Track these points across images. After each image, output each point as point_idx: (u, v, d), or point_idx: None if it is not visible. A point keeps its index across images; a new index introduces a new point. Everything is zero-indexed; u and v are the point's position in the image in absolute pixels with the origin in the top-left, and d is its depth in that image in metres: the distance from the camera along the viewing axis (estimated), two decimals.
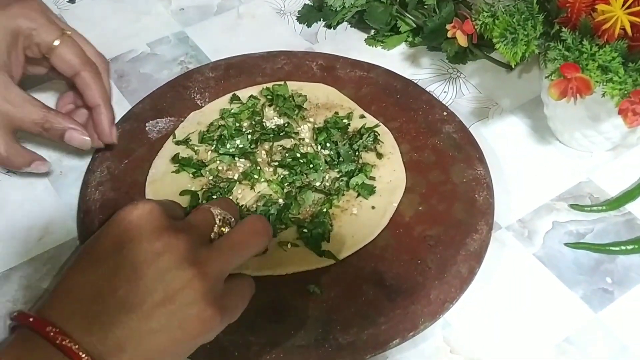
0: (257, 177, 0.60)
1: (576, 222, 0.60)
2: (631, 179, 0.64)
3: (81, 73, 0.57)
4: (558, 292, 0.56)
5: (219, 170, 0.60)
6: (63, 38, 0.56)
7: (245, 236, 0.45)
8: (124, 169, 0.61)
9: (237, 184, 0.59)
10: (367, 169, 0.61)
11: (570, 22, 0.56)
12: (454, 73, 0.73)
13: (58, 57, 0.57)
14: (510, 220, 0.60)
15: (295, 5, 0.80)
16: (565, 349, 0.52)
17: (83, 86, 0.58)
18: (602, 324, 0.54)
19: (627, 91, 0.52)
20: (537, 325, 0.54)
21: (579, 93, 0.53)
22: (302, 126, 0.64)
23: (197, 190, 0.59)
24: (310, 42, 0.76)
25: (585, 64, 0.53)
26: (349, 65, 0.71)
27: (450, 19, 0.64)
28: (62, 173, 0.63)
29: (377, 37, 0.76)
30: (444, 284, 0.54)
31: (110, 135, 0.60)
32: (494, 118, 0.69)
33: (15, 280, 0.55)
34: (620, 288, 0.56)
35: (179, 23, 0.78)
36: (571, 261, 0.58)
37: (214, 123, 0.64)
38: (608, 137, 0.63)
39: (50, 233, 0.58)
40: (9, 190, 0.62)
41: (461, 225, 0.57)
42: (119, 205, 0.57)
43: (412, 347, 0.52)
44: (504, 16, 0.57)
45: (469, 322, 0.54)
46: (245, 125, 0.64)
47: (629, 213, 0.61)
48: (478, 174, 0.61)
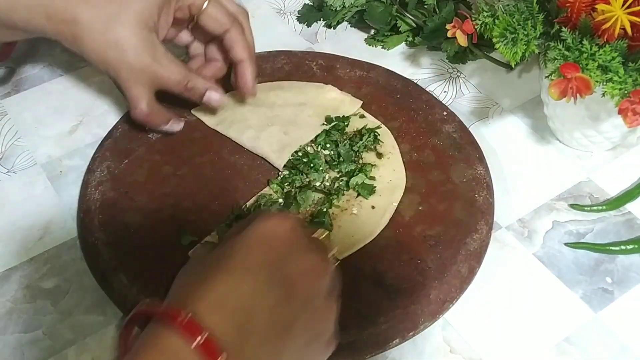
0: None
1: (576, 221, 0.60)
2: (631, 178, 0.64)
3: (230, 30, 0.60)
4: (558, 291, 0.56)
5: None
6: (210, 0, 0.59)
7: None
8: (124, 169, 0.61)
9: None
10: (367, 169, 0.61)
11: (570, 21, 0.56)
12: (454, 73, 0.73)
13: (209, 17, 0.60)
14: (510, 220, 0.60)
15: (295, 5, 0.80)
16: (565, 349, 0.52)
17: (231, 42, 0.61)
18: (602, 323, 0.54)
19: (627, 91, 0.52)
20: (537, 325, 0.54)
21: (579, 93, 0.53)
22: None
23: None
24: (310, 41, 0.76)
25: (585, 64, 0.53)
26: (349, 65, 0.71)
27: (450, 18, 0.64)
28: (62, 173, 0.63)
29: (377, 36, 0.76)
30: (443, 284, 0.54)
31: (253, 88, 0.63)
32: (494, 118, 0.69)
33: (15, 279, 0.55)
34: (620, 288, 0.56)
35: None
36: (571, 261, 0.58)
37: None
38: (608, 137, 0.63)
39: (50, 233, 0.58)
40: (9, 190, 0.62)
41: (461, 225, 0.57)
42: (119, 205, 0.58)
43: (412, 347, 0.52)
44: (504, 16, 0.57)
45: (469, 322, 0.54)
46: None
47: (629, 213, 0.61)
48: (478, 174, 0.61)
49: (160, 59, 0.57)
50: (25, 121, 0.67)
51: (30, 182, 0.62)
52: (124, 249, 0.55)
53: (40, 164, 0.64)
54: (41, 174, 0.63)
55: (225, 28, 0.60)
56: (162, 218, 0.57)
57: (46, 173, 0.63)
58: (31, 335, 0.52)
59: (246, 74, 0.62)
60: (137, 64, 0.56)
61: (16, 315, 0.53)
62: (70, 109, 0.68)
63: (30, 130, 0.66)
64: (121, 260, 0.54)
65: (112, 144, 0.63)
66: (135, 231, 0.57)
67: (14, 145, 0.65)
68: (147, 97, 0.58)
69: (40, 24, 0.56)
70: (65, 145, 0.65)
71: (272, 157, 0.62)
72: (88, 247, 0.56)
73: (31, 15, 0.56)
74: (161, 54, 0.57)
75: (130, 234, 0.56)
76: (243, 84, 0.63)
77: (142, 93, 0.58)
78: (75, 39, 0.56)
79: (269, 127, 0.64)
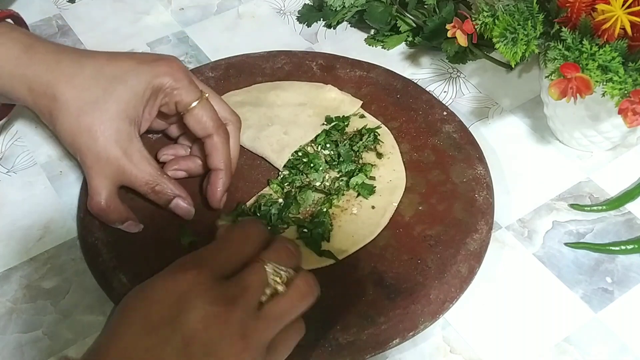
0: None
1: (576, 221, 0.60)
2: (631, 178, 0.64)
3: (213, 136, 0.56)
4: (558, 291, 0.56)
5: None
6: (201, 100, 0.56)
7: (293, 302, 0.45)
8: None
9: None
10: (367, 169, 0.61)
11: (570, 21, 0.56)
12: (454, 73, 0.73)
13: (194, 118, 0.56)
14: (510, 220, 0.60)
15: (295, 5, 0.80)
16: (565, 349, 0.52)
17: (211, 149, 0.57)
18: (602, 323, 0.54)
19: (627, 91, 0.52)
20: (537, 324, 0.54)
21: (579, 93, 0.53)
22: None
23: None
24: (310, 41, 0.76)
25: (585, 64, 0.53)
26: (349, 65, 0.71)
27: (450, 18, 0.64)
28: (62, 173, 0.63)
29: (377, 36, 0.76)
30: (443, 284, 0.54)
31: (220, 201, 0.58)
32: (494, 118, 0.69)
33: (15, 280, 0.55)
34: (620, 288, 0.56)
35: (179, 23, 0.78)
36: (571, 261, 0.58)
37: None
38: (608, 137, 0.63)
39: (50, 233, 0.58)
40: (9, 190, 0.62)
41: (461, 225, 0.57)
42: None
43: (412, 347, 0.52)
44: (503, 16, 0.57)
45: (469, 322, 0.54)
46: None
47: (629, 213, 0.61)
48: (478, 174, 0.61)
49: (132, 155, 0.54)
50: (25, 121, 0.67)
51: (30, 182, 0.62)
52: (124, 249, 0.55)
53: (40, 164, 0.64)
54: (41, 174, 0.63)
55: (208, 133, 0.56)
56: (162, 218, 0.57)
57: (46, 173, 0.63)
58: (31, 335, 0.52)
59: (216, 184, 0.57)
60: (105, 155, 0.53)
61: (16, 315, 0.53)
62: None
63: (30, 130, 0.66)
64: (121, 260, 0.54)
65: None
66: None
67: (14, 145, 0.65)
68: (107, 191, 0.55)
69: (22, 95, 0.55)
70: None
71: (272, 157, 0.62)
72: (88, 247, 0.56)
73: (14, 84, 0.55)
74: (134, 150, 0.54)
75: (130, 233, 0.56)
76: (211, 193, 0.58)
77: (103, 185, 0.54)
78: (52, 116, 0.54)
79: (269, 127, 0.64)
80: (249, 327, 0.42)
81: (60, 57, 0.55)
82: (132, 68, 0.54)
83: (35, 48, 0.55)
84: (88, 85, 0.54)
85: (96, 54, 0.56)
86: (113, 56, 0.56)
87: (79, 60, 0.55)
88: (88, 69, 0.54)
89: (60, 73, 0.54)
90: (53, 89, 0.54)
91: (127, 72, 0.54)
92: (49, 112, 0.55)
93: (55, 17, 0.78)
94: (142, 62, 0.55)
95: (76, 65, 0.55)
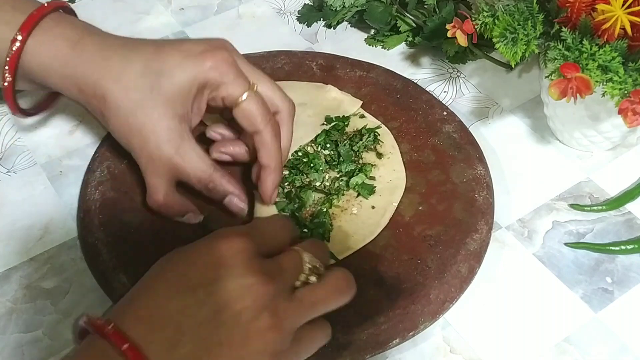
0: None
1: (576, 221, 0.60)
2: (631, 178, 0.64)
3: (262, 133, 0.54)
4: (558, 291, 0.56)
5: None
6: (250, 93, 0.54)
7: (328, 294, 0.44)
8: (124, 169, 0.61)
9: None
10: (367, 169, 0.60)
11: (570, 21, 0.56)
12: (454, 73, 0.73)
13: (242, 113, 0.54)
14: (510, 220, 0.60)
15: (295, 4, 0.80)
16: (565, 349, 0.52)
17: (260, 145, 0.55)
18: (602, 323, 0.54)
19: (627, 91, 0.52)
20: (537, 325, 0.54)
21: (579, 93, 0.53)
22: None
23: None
24: (310, 41, 0.76)
25: (585, 64, 0.53)
26: (349, 65, 0.70)
27: (450, 18, 0.64)
28: (62, 173, 0.63)
29: (377, 36, 0.76)
30: (443, 284, 0.54)
31: (271, 198, 0.56)
32: (494, 118, 0.69)
33: (15, 279, 0.55)
34: (620, 288, 0.56)
35: (179, 23, 0.78)
36: (571, 261, 0.58)
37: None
38: (608, 137, 0.63)
39: (50, 233, 0.58)
40: (9, 190, 0.62)
41: (461, 225, 0.57)
42: (119, 205, 0.58)
43: (412, 347, 0.52)
44: (503, 16, 0.57)
45: (469, 322, 0.54)
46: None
47: (629, 213, 0.61)
48: (478, 174, 0.61)
49: (185, 153, 0.53)
50: (25, 121, 0.67)
51: (30, 182, 0.62)
52: (124, 249, 0.55)
53: (40, 164, 0.64)
54: (41, 174, 0.63)
55: (256, 129, 0.54)
56: (162, 218, 0.57)
57: (46, 173, 0.63)
58: (31, 335, 0.52)
59: (267, 182, 0.55)
60: (157, 155, 0.53)
61: (16, 315, 0.53)
62: (70, 109, 0.68)
63: (30, 130, 0.66)
64: (121, 260, 0.54)
65: (112, 144, 0.62)
66: (135, 231, 0.56)
67: (14, 145, 0.65)
68: (164, 188, 0.54)
69: (73, 93, 0.55)
70: (65, 145, 0.65)
71: None
72: (88, 247, 0.56)
73: (64, 84, 0.55)
74: (187, 148, 0.53)
75: (131, 233, 0.56)
76: (262, 191, 0.56)
77: (160, 184, 0.54)
78: (103, 116, 0.54)
79: None
80: (281, 307, 0.41)
81: (107, 53, 0.54)
82: (177, 63, 0.53)
83: (82, 44, 0.54)
84: (135, 84, 0.53)
85: (143, 46, 0.55)
86: (160, 48, 0.54)
87: (126, 56, 0.54)
88: (136, 65, 0.53)
89: (108, 72, 0.53)
90: (102, 90, 0.53)
91: (172, 67, 0.53)
92: (100, 112, 0.55)
93: None
94: (188, 55, 0.53)
95: (124, 61, 0.54)
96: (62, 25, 0.55)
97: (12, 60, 0.54)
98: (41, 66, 0.54)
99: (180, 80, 0.53)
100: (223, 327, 0.40)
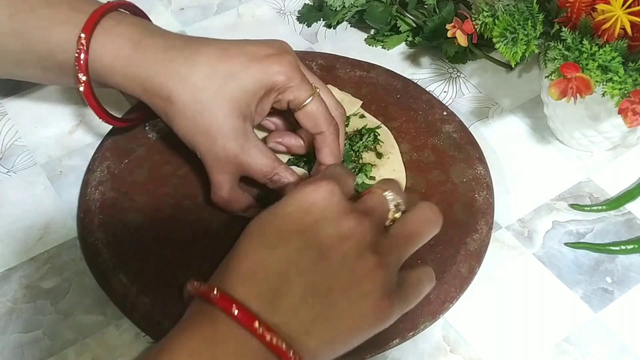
0: None
1: (576, 221, 0.60)
2: (631, 178, 0.63)
3: (325, 133, 0.56)
4: (558, 291, 0.56)
5: None
6: (314, 97, 0.55)
7: (420, 225, 0.45)
8: (124, 169, 0.61)
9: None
10: (367, 169, 0.60)
11: (570, 21, 0.56)
12: (454, 73, 0.73)
13: (306, 115, 0.55)
14: (510, 220, 0.60)
15: (295, 4, 0.80)
16: (565, 349, 0.52)
17: (322, 145, 0.56)
18: (602, 323, 0.54)
19: (627, 91, 0.52)
20: (537, 325, 0.54)
21: (579, 93, 0.52)
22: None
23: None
24: (310, 41, 0.76)
25: (585, 64, 0.53)
26: (349, 65, 0.70)
27: (450, 18, 0.64)
28: (62, 173, 0.63)
29: (377, 36, 0.76)
30: (443, 284, 0.54)
31: None
32: (493, 118, 0.69)
33: (15, 280, 0.55)
34: (620, 288, 0.56)
35: (179, 23, 0.78)
36: (571, 261, 0.58)
37: None
38: (608, 137, 0.63)
39: (50, 233, 0.58)
40: (9, 190, 0.62)
41: (461, 225, 0.57)
42: (119, 205, 0.58)
43: (412, 347, 0.52)
44: (503, 16, 0.56)
45: (469, 322, 0.54)
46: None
47: (629, 213, 0.61)
48: (478, 174, 0.61)
49: (249, 150, 0.54)
50: (25, 121, 0.67)
51: (30, 182, 0.62)
52: (124, 249, 0.55)
53: (40, 164, 0.63)
54: (41, 174, 0.63)
55: (320, 130, 0.56)
56: (162, 218, 0.57)
57: (46, 173, 0.63)
58: (31, 335, 0.52)
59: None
60: (224, 154, 0.54)
61: (16, 315, 0.53)
62: (70, 109, 0.68)
63: (30, 130, 0.66)
64: (121, 260, 0.54)
65: (112, 144, 0.63)
66: (135, 231, 0.56)
67: (14, 145, 0.65)
68: (229, 185, 0.55)
69: (136, 92, 0.55)
70: (65, 145, 0.65)
71: None
72: (88, 247, 0.56)
73: (127, 83, 0.55)
74: (251, 145, 0.54)
75: (130, 233, 0.56)
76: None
77: (225, 180, 0.55)
78: (167, 116, 0.55)
79: None
80: (381, 243, 0.42)
81: (171, 54, 0.54)
82: (244, 66, 0.53)
83: (145, 45, 0.54)
84: (202, 86, 0.53)
85: (207, 48, 0.55)
86: (225, 50, 0.54)
87: (191, 59, 0.54)
88: (202, 67, 0.54)
89: (174, 74, 0.54)
90: (168, 91, 0.54)
91: (239, 70, 0.53)
92: (164, 112, 0.55)
93: None
94: (254, 59, 0.54)
95: (189, 64, 0.54)
96: (122, 25, 0.55)
97: (82, 59, 0.54)
98: (104, 66, 0.55)
99: (248, 84, 0.53)
100: (329, 271, 0.40)
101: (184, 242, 0.56)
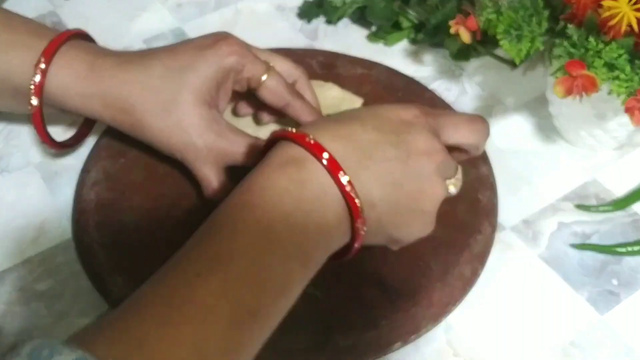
0: None
1: (582, 222, 0.59)
2: (638, 178, 0.63)
3: (291, 102, 0.58)
4: (563, 294, 0.55)
5: None
6: (269, 71, 0.57)
7: (467, 133, 0.50)
8: (119, 169, 0.60)
9: None
10: None
11: (576, 18, 0.55)
12: (457, 70, 0.72)
13: (267, 90, 0.57)
14: (514, 220, 0.59)
15: (295, 1, 0.79)
16: (571, 352, 0.52)
17: (294, 112, 0.58)
18: (608, 326, 0.53)
19: (634, 89, 0.51)
20: (542, 327, 0.53)
21: (585, 91, 0.52)
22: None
23: None
24: (310, 38, 0.76)
25: (591, 61, 0.52)
26: (350, 62, 0.70)
27: (453, 15, 0.63)
28: (56, 173, 0.62)
29: (379, 33, 0.75)
30: (446, 286, 0.53)
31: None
32: (497, 116, 0.68)
33: (9, 282, 0.54)
34: (626, 290, 0.55)
35: (176, 19, 0.78)
36: (577, 262, 0.57)
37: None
38: (614, 136, 0.62)
39: (45, 234, 0.58)
40: (3, 190, 0.61)
41: (464, 226, 0.57)
42: (115, 206, 0.57)
43: (415, 350, 0.52)
44: (508, 12, 0.56)
45: (473, 325, 0.53)
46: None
47: (635, 213, 0.60)
48: (481, 174, 0.60)
49: (225, 134, 0.55)
50: (19, 120, 0.66)
51: (24, 182, 0.61)
52: (120, 250, 0.54)
53: (34, 164, 0.63)
54: (35, 174, 0.62)
55: (286, 102, 0.57)
56: (159, 218, 0.57)
57: (40, 173, 0.62)
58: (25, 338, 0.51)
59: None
60: (202, 144, 0.54)
61: (10, 318, 0.52)
62: None
63: (24, 130, 0.65)
64: (117, 261, 0.54)
65: (107, 144, 0.62)
66: (131, 232, 0.56)
67: (8, 145, 0.64)
68: (217, 176, 0.56)
69: (97, 112, 0.56)
70: None
71: None
72: (83, 249, 0.55)
73: (87, 104, 0.55)
74: (224, 129, 0.55)
75: (127, 234, 0.56)
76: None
77: (212, 172, 0.55)
78: (134, 127, 0.55)
79: (269, 125, 0.63)
80: (451, 166, 0.49)
81: (126, 66, 0.55)
82: (196, 56, 0.55)
83: (99, 64, 0.56)
84: (161, 86, 0.54)
85: (158, 53, 0.56)
86: (174, 50, 0.56)
87: (145, 65, 0.55)
88: (156, 70, 0.55)
89: (132, 83, 0.55)
90: (129, 101, 0.54)
91: (193, 61, 0.55)
92: (130, 125, 0.55)
93: (49, 14, 0.77)
94: (203, 47, 0.55)
95: (143, 69, 0.55)
96: (76, 49, 0.57)
97: (37, 83, 0.55)
98: (60, 89, 0.55)
99: (204, 70, 0.55)
100: (408, 172, 0.45)
101: (181, 242, 0.55)
